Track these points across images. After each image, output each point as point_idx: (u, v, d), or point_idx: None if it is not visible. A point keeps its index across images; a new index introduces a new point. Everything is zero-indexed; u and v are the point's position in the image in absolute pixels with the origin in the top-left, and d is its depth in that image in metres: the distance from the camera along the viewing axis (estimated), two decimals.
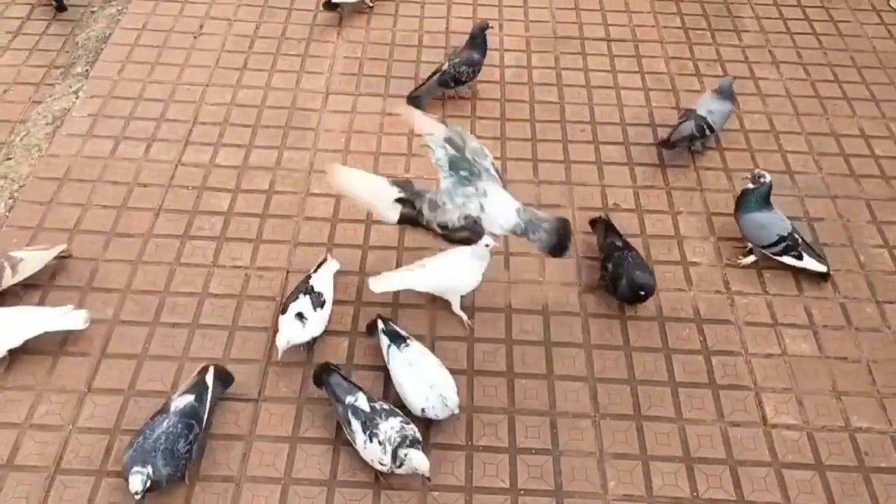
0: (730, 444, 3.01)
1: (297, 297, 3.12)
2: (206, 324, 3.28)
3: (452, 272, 3.24)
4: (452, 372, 3.03)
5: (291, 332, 3.05)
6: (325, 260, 3.37)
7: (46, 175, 3.80)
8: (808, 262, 3.47)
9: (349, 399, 2.83)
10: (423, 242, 3.58)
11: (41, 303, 3.28)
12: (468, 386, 3.12)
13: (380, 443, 2.71)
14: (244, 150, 3.99)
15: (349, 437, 2.83)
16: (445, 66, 4.15)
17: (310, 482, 2.82)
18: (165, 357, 3.16)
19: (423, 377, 2.91)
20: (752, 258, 3.56)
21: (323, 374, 2.96)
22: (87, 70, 4.38)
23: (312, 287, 3.16)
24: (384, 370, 3.08)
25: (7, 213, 3.64)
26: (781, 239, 3.43)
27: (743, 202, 3.52)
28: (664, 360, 3.25)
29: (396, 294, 3.38)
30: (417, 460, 2.66)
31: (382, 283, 3.23)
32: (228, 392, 3.04)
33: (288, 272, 3.47)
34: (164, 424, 2.71)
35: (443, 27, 4.76)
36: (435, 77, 4.15)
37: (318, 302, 3.12)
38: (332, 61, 4.50)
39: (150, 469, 2.59)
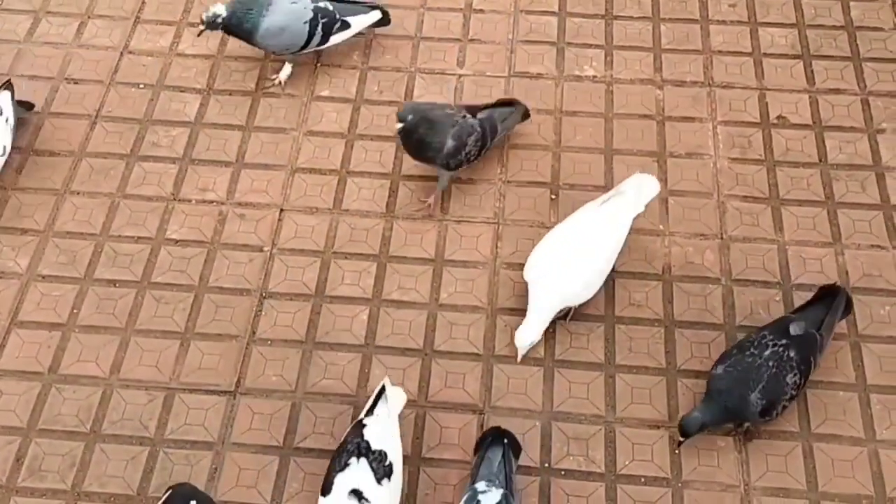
0: None
1: (348, 463, 2.78)
2: (161, 282, 3.37)
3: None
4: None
5: None
6: (382, 389, 3.01)
7: None
8: (359, 23, 3.87)
9: None
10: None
11: None
12: (547, 378, 3.15)
13: None
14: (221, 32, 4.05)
15: None
16: None
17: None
18: (103, 328, 3.26)
19: None
20: (286, 71, 3.91)
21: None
22: None
23: (369, 444, 2.83)
24: None
25: None
26: (311, 25, 3.74)
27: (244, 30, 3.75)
28: (849, 352, 3.22)
29: None
30: None
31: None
32: (191, 383, 3.12)
33: (282, 211, 3.54)
34: None
35: None
36: None
37: (381, 469, 2.79)
38: None
39: None
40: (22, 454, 3.00)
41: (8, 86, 3.64)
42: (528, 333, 3.13)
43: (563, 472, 2.98)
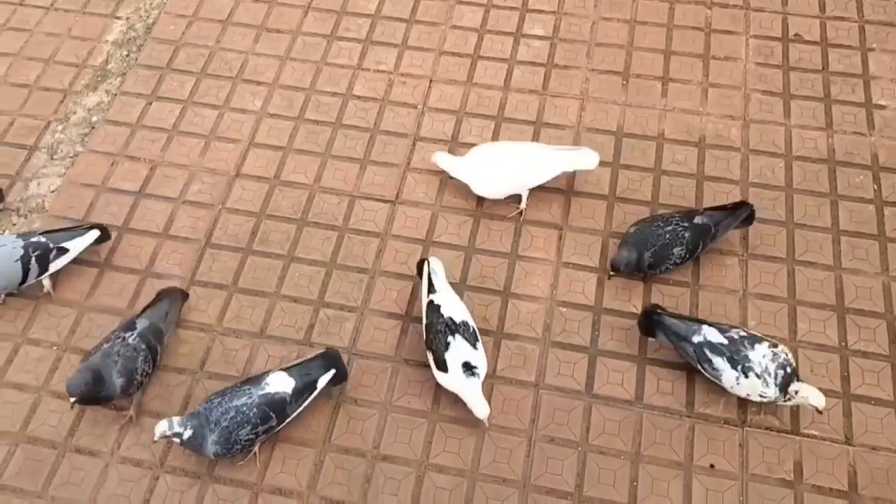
0: (891, 299, 2.81)
1: (448, 343, 2.55)
2: (349, 124, 3.31)
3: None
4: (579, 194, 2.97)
5: (472, 392, 2.53)
6: (425, 262, 2.78)
7: None
8: (77, 245, 2.84)
9: (697, 338, 2.57)
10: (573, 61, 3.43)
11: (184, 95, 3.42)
12: (609, 210, 3.04)
13: (758, 376, 2.47)
14: None
15: (709, 375, 2.57)
16: None
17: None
18: (308, 153, 3.24)
19: None
20: (47, 284, 2.84)
21: (653, 320, 2.67)
22: None
23: (452, 319, 2.59)
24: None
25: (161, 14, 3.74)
26: (24, 262, 2.74)
27: None
28: (829, 206, 3.02)
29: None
30: (813, 396, 2.46)
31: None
32: (368, 193, 3.11)
33: (431, 80, 3.42)
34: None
35: None
36: None
37: (471, 337, 2.59)
38: None
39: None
40: (255, 229, 3.05)
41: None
42: (446, 161, 3.02)
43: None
